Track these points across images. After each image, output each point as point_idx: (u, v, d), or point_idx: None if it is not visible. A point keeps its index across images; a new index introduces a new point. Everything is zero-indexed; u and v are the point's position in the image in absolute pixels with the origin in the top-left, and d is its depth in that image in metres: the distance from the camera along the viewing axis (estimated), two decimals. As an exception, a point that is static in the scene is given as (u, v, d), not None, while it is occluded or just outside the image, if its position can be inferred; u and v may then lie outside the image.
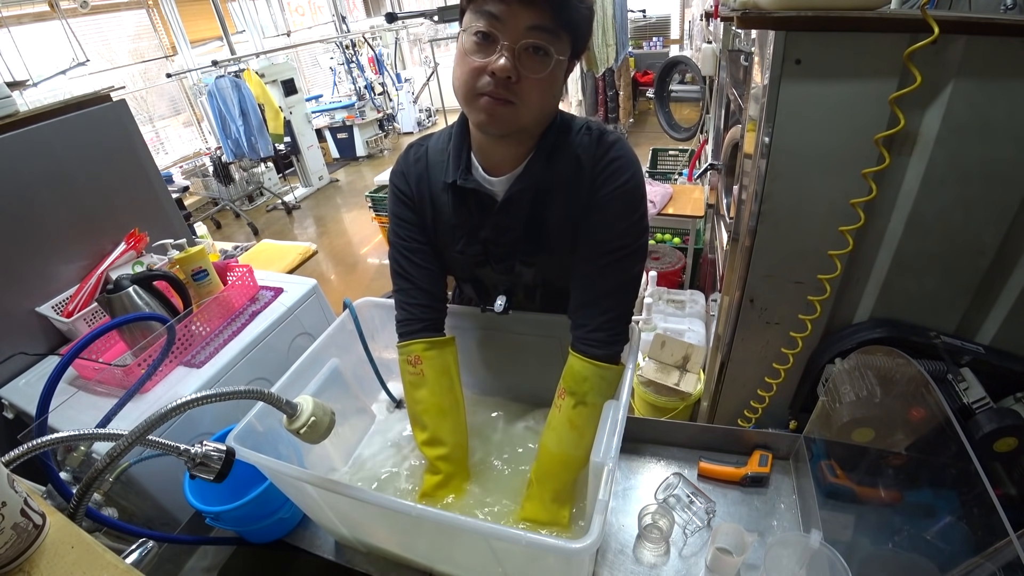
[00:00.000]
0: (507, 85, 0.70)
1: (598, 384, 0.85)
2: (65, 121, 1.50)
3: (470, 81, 0.72)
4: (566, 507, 0.90)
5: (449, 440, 0.94)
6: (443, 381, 0.95)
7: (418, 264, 0.93)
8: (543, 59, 0.70)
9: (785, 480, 0.99)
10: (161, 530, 0.92)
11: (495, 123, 0.74)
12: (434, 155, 0.90)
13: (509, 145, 0.82)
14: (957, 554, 0.65)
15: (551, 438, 0.88)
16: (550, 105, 0.78)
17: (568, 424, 0.86)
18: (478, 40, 0.70)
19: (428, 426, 0.94)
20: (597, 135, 0.83)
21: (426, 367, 0.93)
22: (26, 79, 3.90)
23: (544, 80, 0.72)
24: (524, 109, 0.73)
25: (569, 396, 0.86)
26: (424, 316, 0.94)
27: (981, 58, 0.84)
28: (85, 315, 1.47)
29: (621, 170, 0.81)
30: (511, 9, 0.67)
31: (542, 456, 0.90)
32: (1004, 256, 1.01)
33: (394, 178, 0.94)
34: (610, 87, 5.55)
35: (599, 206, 0.82)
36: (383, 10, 7.73)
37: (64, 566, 0.50)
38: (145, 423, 0.59)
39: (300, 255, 2.96)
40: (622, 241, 0.82)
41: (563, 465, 0.87)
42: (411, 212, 0.93)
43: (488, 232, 0.89)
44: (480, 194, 0.86)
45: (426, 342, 0.93)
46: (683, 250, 2.96)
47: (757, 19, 0.95)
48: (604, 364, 0.84)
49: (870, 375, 0.98)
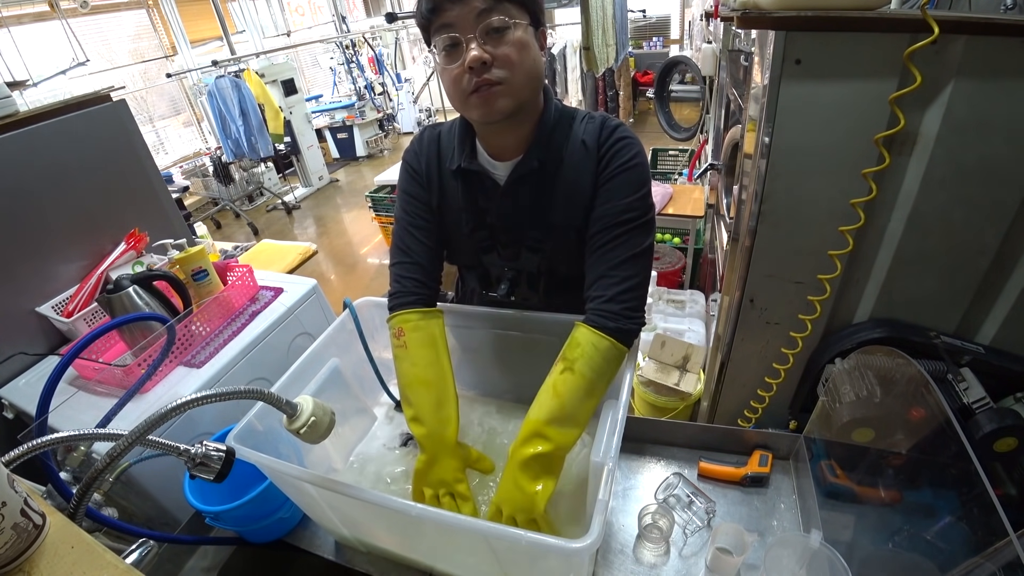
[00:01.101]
0: (487, 70, 0.75)
1: (590, 353, 0.80)
2: (65, 121, 1.50)
3: (456, 87, 0.78)
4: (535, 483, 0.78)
5: (431, 416, 0.87)
6: (426, 353, 0.91)
7: (420, 240, 0.95)
8: (503, 33, 0.75)
9: (785, 480, 0.99)
10: (161, 530, 0.92)
11: (493, 108, 0.78)
12: (446, 140, 0.94)
13: (510, 129, 0.85)
14: (957, 554, 0.65)
15: (533, 405, 0.82)
16: (533, 69, 0.80)
17: (551, 390, 0.80)
18: (447, 51, 0.76)
19: (412, 401, 0.89)
20: (600, 121, 0.86)
21: (409, 339, 0.90)
22: (26, 79, 3.90)
23: (515, 46, 0.76)
24: (510, 83, 0.77)
25: (560, 362, 0.82)
26: (416, 290, 0.94)
27: (981, 58, 0.84)
28: (85, 315, 1.47)
29: (627, 148, 0.84)
30: (456, 10, 0.73)
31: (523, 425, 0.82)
32: (1004, 256, 1.01)
33: (407, 155, 0.98)
34: (610, 87, 5.55)
35: (606, 182, 0.84)
36: (383, 10, 7.73)
37: (64, 566, 0.50)
38: (145, 423, 0.59)
39: (300, 255, 2.96)
40: (631, 214, 0.83)
41: (535, 434, 0.78)
42: (420, 189, 0.95)
43: (494, 217, 0.91)
44: (485, 178, 0.89)
45: (412, 312, 0.92)
46: (683, 250, 2.96)
47: (757, 19, 0.95)
48: (607, 337, 0.80)
49: (870, 375, 0.98)
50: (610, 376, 0.83)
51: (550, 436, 0.78)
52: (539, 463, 0.78)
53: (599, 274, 0.85)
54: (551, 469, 0.79)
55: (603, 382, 0.82)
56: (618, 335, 0.81)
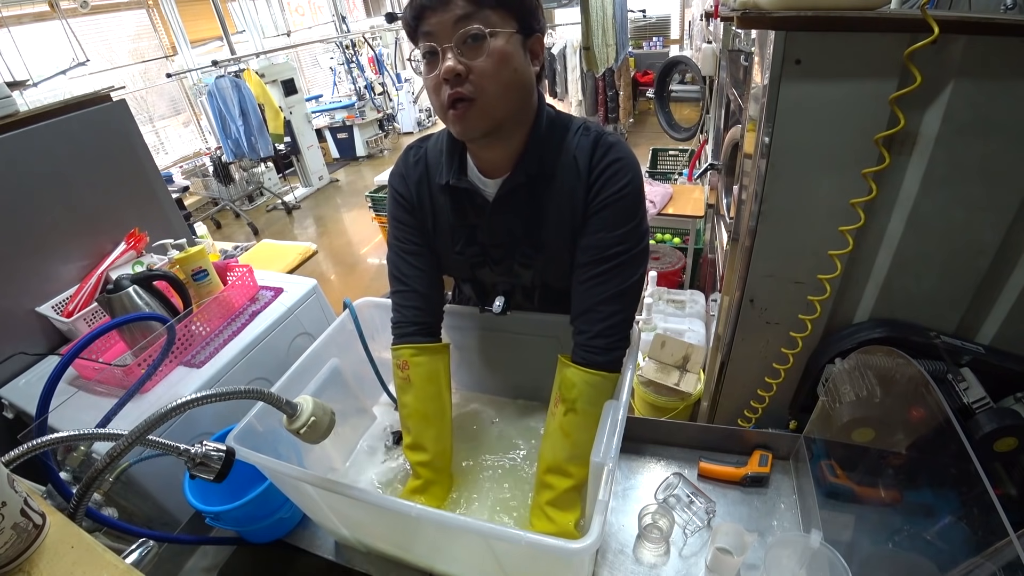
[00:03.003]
0: (462, 83, 0.71)
1: (586, 391, 0.83)
2: (65, 121, 1.50)
3: (436, 99, 0.75)
4: (568, 514, 0.86)
5: (431, 448, 0.93)
6: (429, 388, 0.94)
7: (414, 266, 0.93)
8: (480, 42, 0.71)
9: (785, 480, 0.99)
10: (161, 530, 0.92)
11: (466, 126, 0.75)
12: (433, 156, 0.90)
13: (497, 144, 0.81)
14: (957, 554, 0.65)
15: (546, 446, 0.89)
16: (513, 82, 0.74)
17: (560, 432, 0.85)
18: (427, 59, 0.74)
19: (412, 431, 0.94)
20: (595, 136, 0.82)
21: (412, 373, 0.92)
22: (26, 79, 3.90)
23: (493, 57, 0.71)
24: (484, 99, 0.72)
25: (561, 403, 0.86)
26: (417, 320, 0.94)
27: (981, 58, 0.84)
28: (85, 315, 1.47)
29: (620, 173, 0.79)
30: (436, 17, 0.70)
31: (539, 464, 0.90)
32: (1004, 256, 1.01)
33: (393, 180, 0.95)
34: (610, 87, 5.55)
35: (597, 211, 0.81)
36: (383, 10, 7.72)
37: (64, 566, 0.50)
38: (145, 423, 0.59)
39: (300, 255, 2.96)
40: (622, 247, 0.81)
41: (557, 472, 0.86)
42: (409, 215, 0.93)
43: (485, 233, 0.89)
44: (475, 195, 0.86)
45: (415, 347, 0.93)
46: (683, 250, 2.96)
47: (757, 19, 0.95)
48: (598, 372, 0.83)
49: (870, 375, 0.98)
50: (607, 398, 0.85)
51: (571, 472, 0.85)
52: (567, 497, 0.86)
53: (586, 307, 0.84)
54: (576, 500, 0.87)
55: (601, 406, 0.84)
56: (608, 367, 0.84)
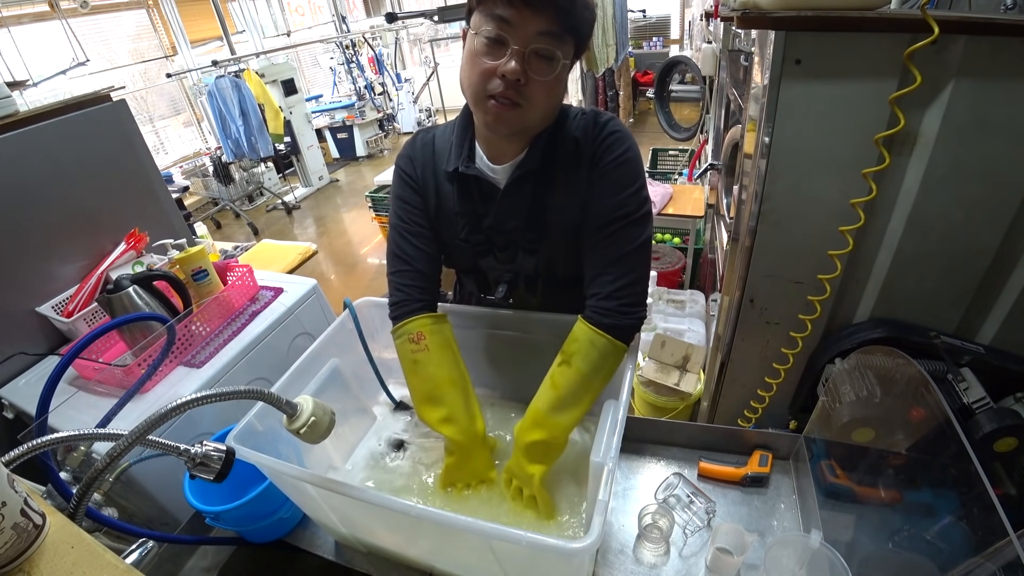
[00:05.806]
0: (516, 87, 0.73)
1: (586, 349, 0.82)
2: (65, 121, 1.50)
3: (480, 83, 0.75)
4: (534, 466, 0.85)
5: (463, 414, 0.90)
6: (448, 355, 0.92)
7: (418, 247, 0.94)
8: (550, 63, 0.74)
9: (785, 480, 0.99)
10: (161, 530, 0.92)
11: (502, 125, 0.78)
12: (441, 143, 0.92)
13: (512, 139, 0.85)
14: (957, 554, 0.65)
15: (536, 394, 0.87)
16: (554, 106, 0.81)
17: (549, 380, 0.86)
18: (489, 43, 0.73)
19: (445, 401, 0.90)
20: (592, 116, 0.86)
21: (430, 341, 0.91)
22: (26, 79, 3.91)
23: (551, 82, 0.76)
24: (530, 111, 0.77)
25: (560, 355, 0.86)
26: (421, 297, 0.93)
27: (981, 58, 0.84)
28: (85, 315, 1.47)
29: (619, 142, 0.84)
30: (521, 15, 0.70)
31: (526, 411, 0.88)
32: (1004, 256, 1.01)
33: (400, 161, 0.96)
34: (610, 87, 5.55)
35: (600, 177, 0.84)
36: (383, 10, 7.73)
37: (64, 566, 0.50)
38: (145, 423, 0.59)
39: (300, 255, 2.96)
40: (625, 209, 0.83)
41: (535, 421, 0.85)
42: (415, 195, 0.94)
43: (491, 220, 0.91)
44: (483, 182, 0.88)
45: (428, 317, 0.92)
46: (683, 250, 2.96)
47: (757, 19, 0.95)
48: (603, 334, 0.82)
49: (870, 375, 0.98)
50: (607, 371, 0.85)
51: (547, 425, 0.84)
52: (538, 449, 0.85)
53: (597, 272, 0.86)
54: (548, 455, 0.86)
55: (600, 377, 0.84)
56: (614, 331, 0.83)
